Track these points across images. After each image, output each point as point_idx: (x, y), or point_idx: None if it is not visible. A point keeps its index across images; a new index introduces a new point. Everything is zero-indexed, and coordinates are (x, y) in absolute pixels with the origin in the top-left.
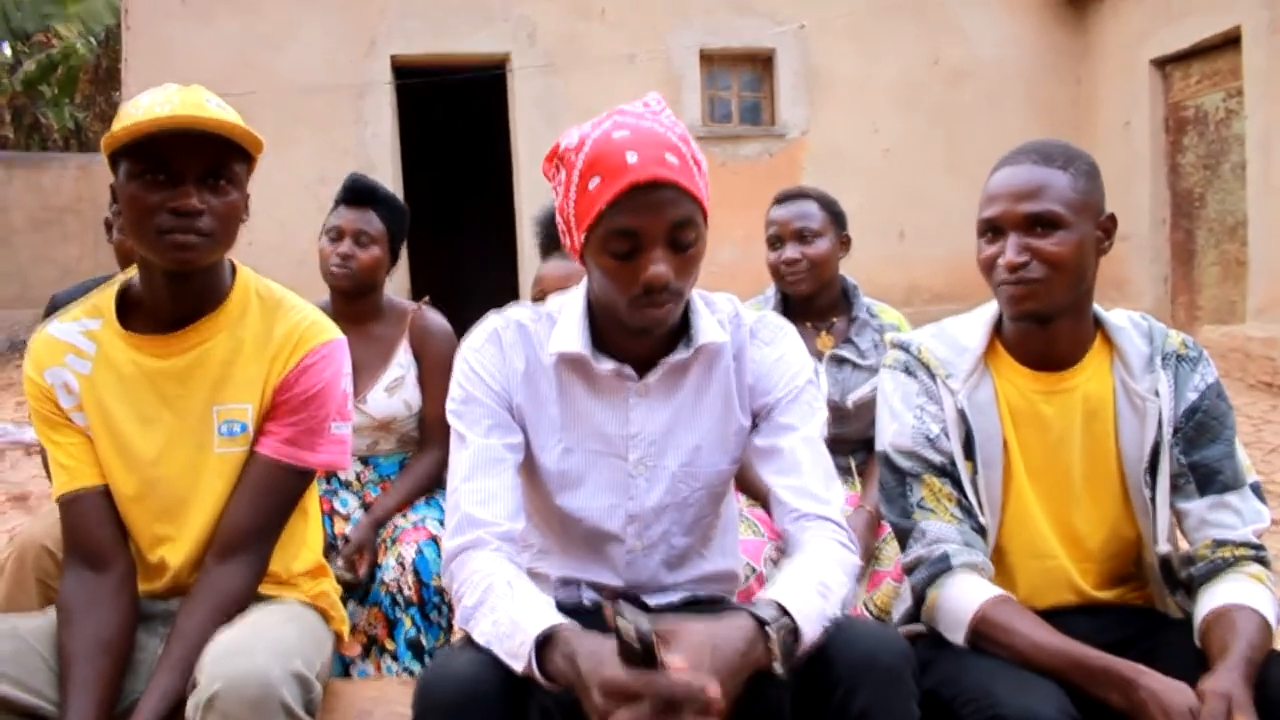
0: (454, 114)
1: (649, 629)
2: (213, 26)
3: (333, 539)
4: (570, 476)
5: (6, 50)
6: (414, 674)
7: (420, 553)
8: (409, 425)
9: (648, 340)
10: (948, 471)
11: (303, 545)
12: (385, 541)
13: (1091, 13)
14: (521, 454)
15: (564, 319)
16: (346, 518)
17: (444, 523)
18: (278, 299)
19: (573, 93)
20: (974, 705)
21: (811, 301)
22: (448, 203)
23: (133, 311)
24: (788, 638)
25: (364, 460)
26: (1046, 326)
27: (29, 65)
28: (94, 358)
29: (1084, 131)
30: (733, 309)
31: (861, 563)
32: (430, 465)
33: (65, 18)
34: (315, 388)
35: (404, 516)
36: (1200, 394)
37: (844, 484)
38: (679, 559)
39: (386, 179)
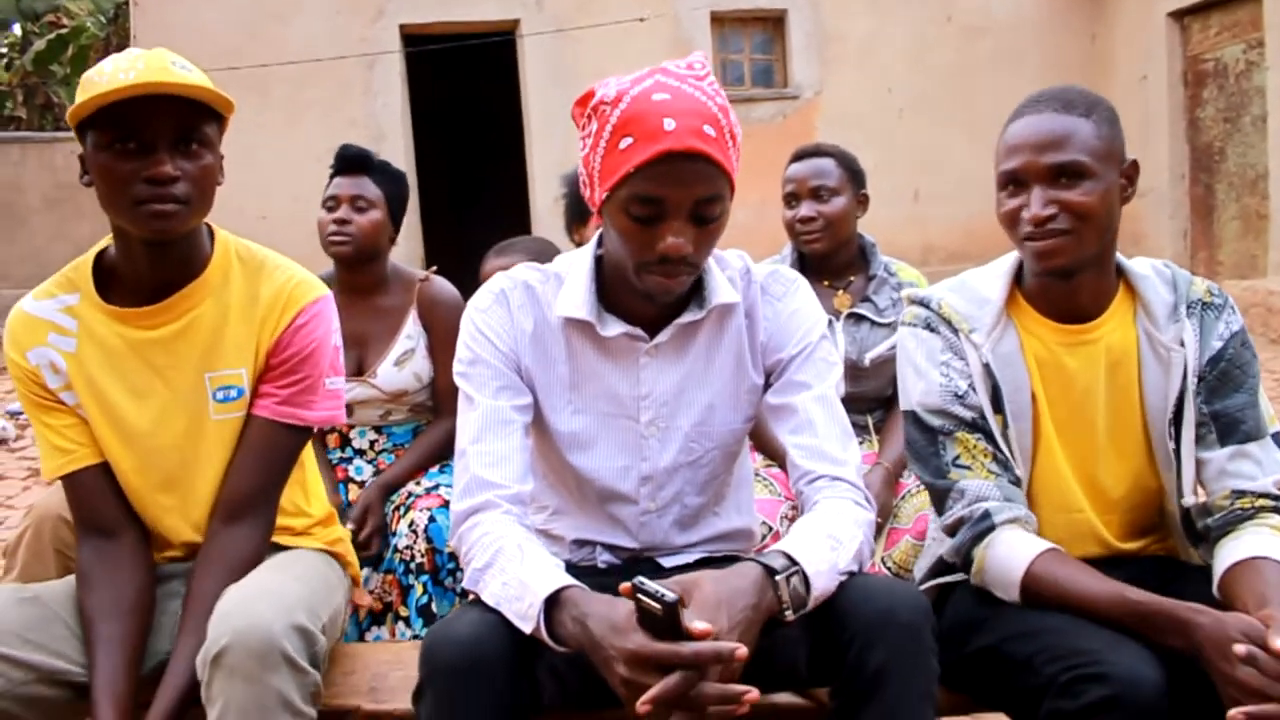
0: (464, 82)
1: (674, 599)
2: (220, 1)
3: (346, 505)
4: (582, 438)
5: (17, 30)
6: None
7: (433, 519)
8: (421, 396)
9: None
10: (980, 426)
11: (308, 493)
12: (399, 508)
13: None
14: (530, 415)
15: (570, 280)
16: (361, 484)
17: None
18: (260, 260)
19: (582, 57)
20: (1065, 664)
21: (828, 260)
22: (460, 170)
23: (111, 283)
24: (799, 585)
25: (377, 429)
26: (1070, 279)
27: (39, 44)
28: (77, 334)
29: (1100, 87)
30: (743, 264)
31: (878, 519)
32: (443, 434)
33: None
34: (309, 347)
35: (417, 483)
36: (1225, 342)
37: (861, 442)
38: (692, 518)
39: (398, 148)
